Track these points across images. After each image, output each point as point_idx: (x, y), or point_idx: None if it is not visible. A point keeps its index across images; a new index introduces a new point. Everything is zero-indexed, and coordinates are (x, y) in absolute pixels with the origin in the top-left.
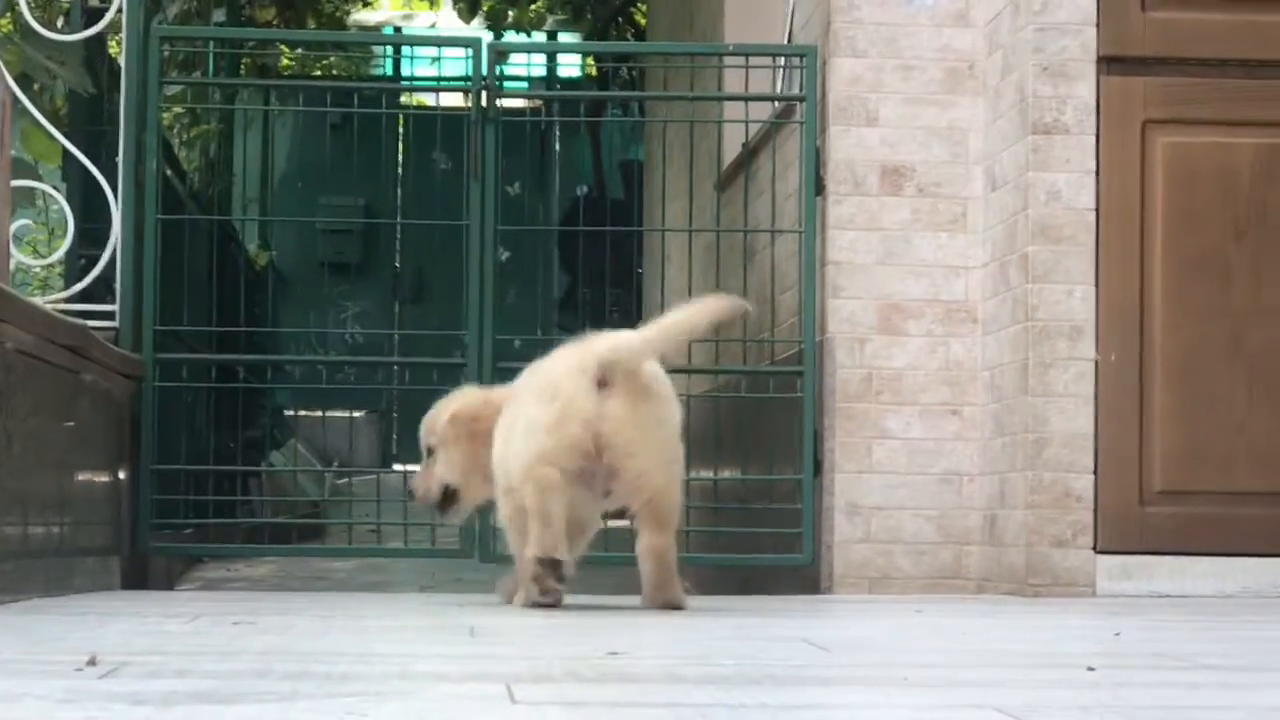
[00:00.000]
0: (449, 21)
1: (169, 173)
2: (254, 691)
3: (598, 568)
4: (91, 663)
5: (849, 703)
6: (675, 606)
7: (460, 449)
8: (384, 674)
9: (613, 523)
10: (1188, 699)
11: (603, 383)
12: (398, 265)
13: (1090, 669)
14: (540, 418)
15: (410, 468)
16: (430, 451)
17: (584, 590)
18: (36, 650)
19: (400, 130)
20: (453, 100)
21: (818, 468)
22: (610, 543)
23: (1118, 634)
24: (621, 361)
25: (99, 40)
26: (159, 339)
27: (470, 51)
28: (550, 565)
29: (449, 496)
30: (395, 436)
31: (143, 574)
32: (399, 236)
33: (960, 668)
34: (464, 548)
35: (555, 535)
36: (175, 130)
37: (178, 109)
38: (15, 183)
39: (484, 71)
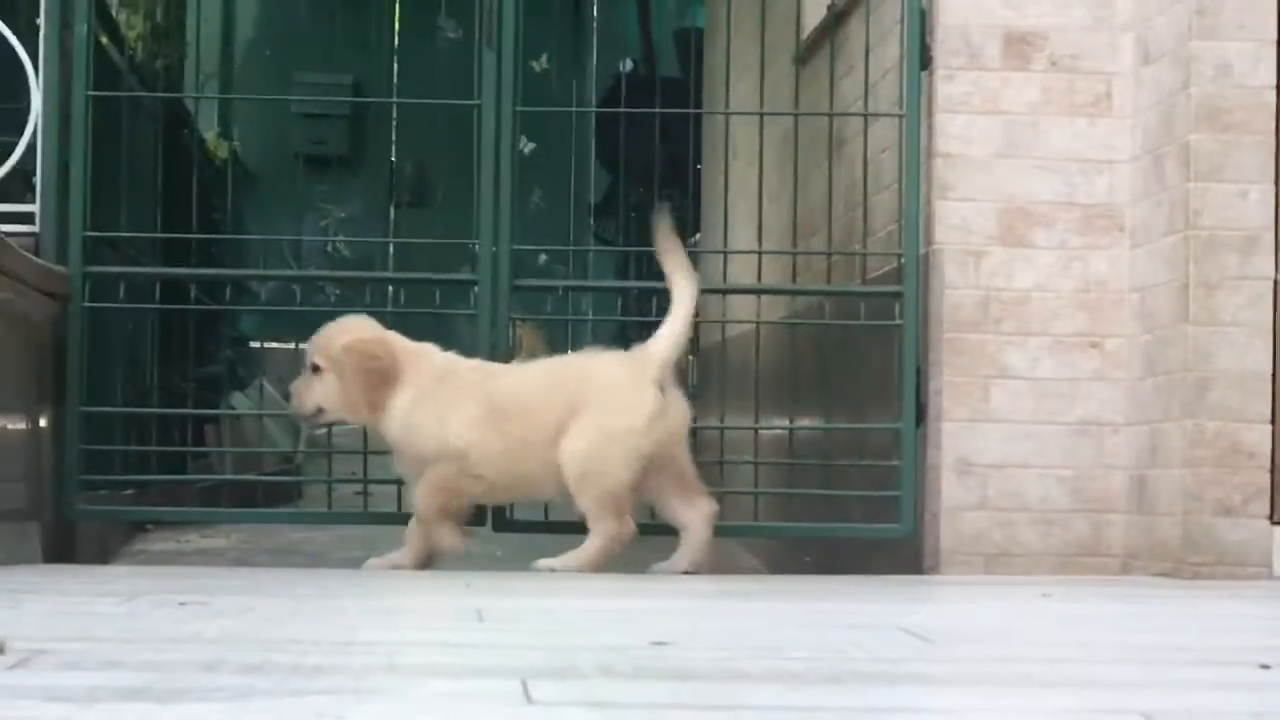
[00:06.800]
0: None
1: (104, 40)
2: (199, 688)
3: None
4: None
5: (951, 707)
6: None
7: (348, 382)
8: (364, 667)
9: None
10: None
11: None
12: (394, 159)
13: (1264, 666)
14: None
15: None
16: (315, 369)
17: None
18: None
19: None
20: None
21: (920, 415)
22: None
23: None
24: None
25: None
26: (90, 248)
27: None
28: None
29: (318, 414)
30: None
31: (69, 544)
32: (395, 122)
33: (1096, 664)
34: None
35: None
36: None
37: None
38: None
39: None
